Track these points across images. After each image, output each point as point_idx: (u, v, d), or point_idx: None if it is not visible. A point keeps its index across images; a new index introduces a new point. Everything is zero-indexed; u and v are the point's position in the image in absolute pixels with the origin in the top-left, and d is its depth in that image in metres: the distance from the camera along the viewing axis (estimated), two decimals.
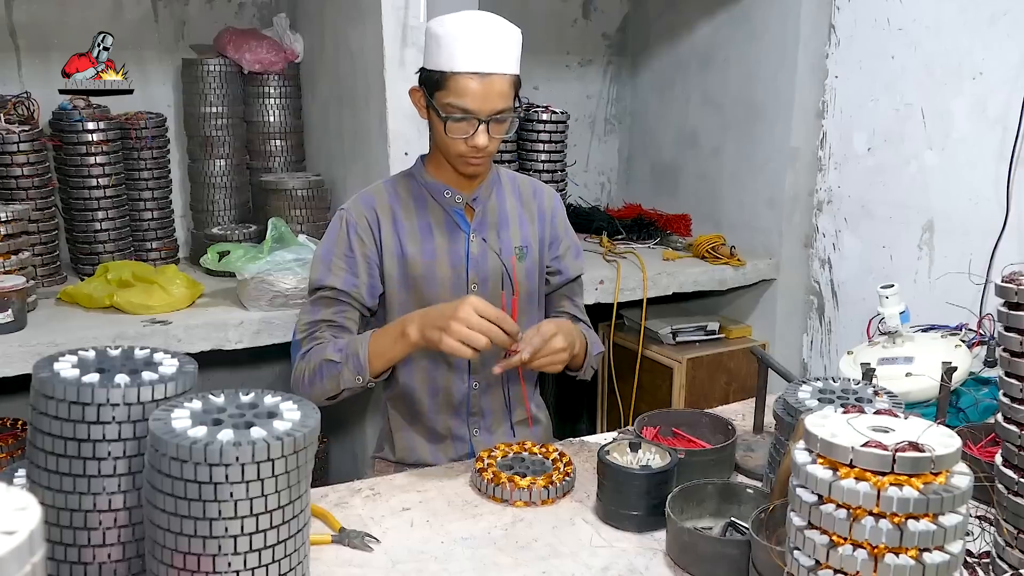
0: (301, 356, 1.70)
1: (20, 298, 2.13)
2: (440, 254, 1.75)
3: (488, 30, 1.62)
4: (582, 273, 1.95)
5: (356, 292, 1.73)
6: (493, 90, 1.62)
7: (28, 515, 0.56)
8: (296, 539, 1.03)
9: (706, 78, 3.26)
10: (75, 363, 1.06)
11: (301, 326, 1.74)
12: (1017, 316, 1.13)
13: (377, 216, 1.76)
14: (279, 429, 1.00)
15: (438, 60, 1.64)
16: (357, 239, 1.74)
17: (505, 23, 1.66)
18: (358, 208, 1.77)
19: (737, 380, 3.05)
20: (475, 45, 1.60)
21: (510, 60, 1.64)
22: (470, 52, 1.60)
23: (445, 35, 1.62)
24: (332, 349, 1.64)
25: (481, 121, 1.63)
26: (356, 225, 1.74)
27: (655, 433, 1.66)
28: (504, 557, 1.33)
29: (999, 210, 2.31)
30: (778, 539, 1.16)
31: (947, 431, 0.97)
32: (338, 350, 1.63)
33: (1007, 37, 2.29)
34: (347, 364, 1.61)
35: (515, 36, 1.65)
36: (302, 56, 3.00)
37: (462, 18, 1.63)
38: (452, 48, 1.61)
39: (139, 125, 2.69)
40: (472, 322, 1.47)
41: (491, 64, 1.61)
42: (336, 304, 1.72)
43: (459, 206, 1.77)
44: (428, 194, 1.77)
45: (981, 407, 1.77)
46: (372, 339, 1.62)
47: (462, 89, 1.61)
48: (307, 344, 1.70)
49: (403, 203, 1.77)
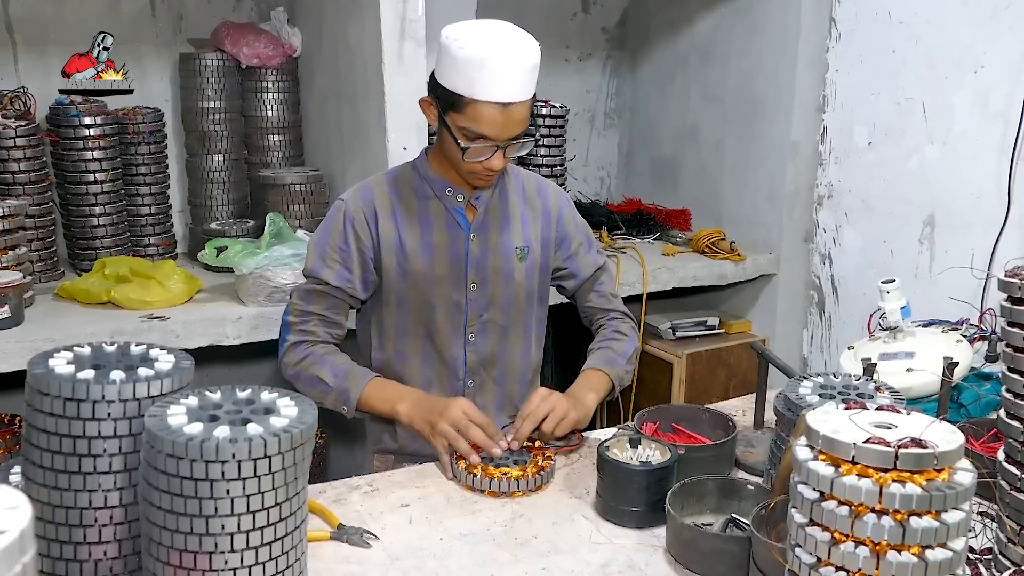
0: (293, 346, 1.74)
1: (17, 294, 2.12)
2: (439, 252, 1.73)
3: (511, 57, 1.53)
4: (600, 264, 1.92)
5: (349, 287, 1.72)
6: (513, 119, 1.57)
7: (19, 514, 0.55)
8: (293, 536, 1.02)
9: (706, 72, 3.25)
10: (70, 359, 1.06)
11: (294, 310, 1.75)
12: (1020, 311, 1.12)
13: (375, 210, 1.73)
14: (276, 426, 0.99)
15: (455, 82, 1.55)
16: (353, 233, 1.72)
17: (526, 43, 1.56)
18: (356, 202, 1.74)
19: (737, 375, 3.04)
20: (498, 75, 1.52)
21: (530, 86, 1.58)
22: (493, 82, 1.52)
23: (465, 59, 1.52)
24: (327, 370, 1.69)
25: (498, 147, 1.60)
26: (353, 219, 1.72)
27: (655, 429, 1.66)
28: (503, 553, 1.33)
29: (1000, 204, 2.30)
30: (779, 536, 1.15)
31: (950, 427, 0.96)
32: (333, 375, 1.68)
33: (1009, 31, 2.28)
34: (336, 393, 1.68)
35: (535, 57, 1.57)
36: (300, 50, 2.99)
37: (484, 39, 1.53)
38: (473, 75, 1.52)
39: (136, 120, 2.69)
40: (460, 425, 1.55)
41: (513, 93, 1.54)
42: (328, 299, 1.73)
43: (460, 205, 1.75)
44: (430, 189, 1.75)
45: (983, 403, 1.76)
46: (367, 388, 1.67)
47: (481, 117, 1.55)
48: (298, 334, 1.74)
49: (403, 197, 1.75)
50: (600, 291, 1.91)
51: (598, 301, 1.91)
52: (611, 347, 1.84)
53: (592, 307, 1.91)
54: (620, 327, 1.89)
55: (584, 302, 1.91)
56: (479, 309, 1.77)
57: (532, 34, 1.59)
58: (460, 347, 1.78)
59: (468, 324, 1.77)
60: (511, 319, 1.81)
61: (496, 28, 1.58)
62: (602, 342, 1.86)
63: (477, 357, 1.79)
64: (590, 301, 1.90)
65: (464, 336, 1.77)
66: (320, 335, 1.74)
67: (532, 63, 1.57)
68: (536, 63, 1.58)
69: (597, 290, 1.91)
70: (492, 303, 1.78)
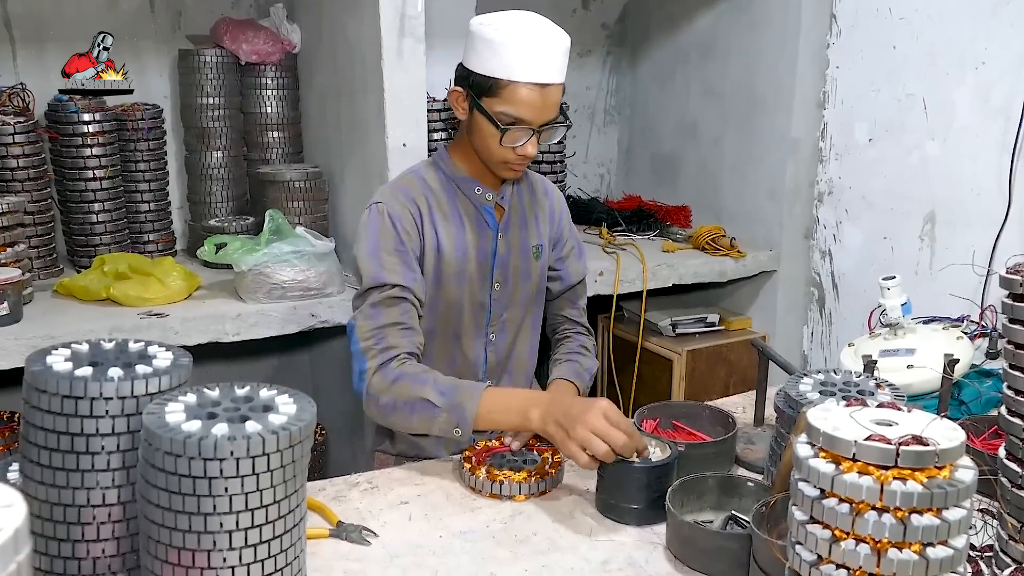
0: (378, 371, 1.55)
1: (16, 291, 2.12)
2: (470, 250, 1.71)
3: (546, 38, 1.56)
4: (584, 276, 1.93)
5: (416, 287, 1.61)
6: (549, 100, 1.58)
7: (14, 512, 0.55)
8: (292, 534, 1.02)
9: (706, 68, 3.24)
10: (68, 356, 1.05)
11: (364, 333, 1.57)
12: (1022, 308, 1.12)
13: (419, 208, 1.67)
14: (274, 423, 0.98)
15: (491, 66, 1.57)
16: (405, 233, 1.63)
17: (557, 29, 1.60)
18: (399, 200, 1.66)
19: (737, 372, 3.04)
20: (536, 54, 1.55)
21: (564, 68, 1.61)
22: (531, 62, 1.55)
23: (501, 41, 1.55)
24: (432, 389, 1.51)
25: (534, 131, 1.60)
26: (401, 218, 1.64)
27: (655, 426, 1.66)
28: (503, 551, 1.32)
29: (1001, 201, 2.30)
30: (779, 533, 1.15)
31: (951, 424, 0.96)
32: (440, 393, 1.50)
33: (1010, 26, 2.28)
34: (449, 412, 1.49)
35: (567, 43, 1.60)
36: (299, 46, 2.98)
37: (517, 23, 1.57)
38: (510, 56, 1.54)
39: (135, 117, 2.68)
40: (599, 430, 1.36)
41: (550, 74, 1.57)
42: (399, 304, 1.59)
43: (490, 203, 1.74)
44: (457, 188, 1.72)
45: (984, 399, 1.76)
46: (485, 399, 1.49)
47: (519, 99, 1.56)
48: (378, 356, 1.55)
49: (435, 196, 1.71)
50: (575, 303, 1.93)
51: (571, 312, 1.92)
52: (579, 361, 1.85)
53: (564, 316, 1.92)
54: (586, 343, 1.91)
55: (557, 309, 1.92)
56: (500, 308, 1.77)
57: None
58: (482, 347, 1.77)
59: (490, 323, 1.77)
60: (524, 317, 1.81)
61: (527, 14, 1.61)
62: (570, 355, 1.86)
63: (496, 356, 1.79)
64: (563, 310, 1.91)
65: (486, 336, 1.77)
66: (405, 346, 1.57)
67: (565, 46, 1.60)
68: (568, 47, 1.61)
69: (573, 300, 1.92)
70: (512, 302, 1.78)
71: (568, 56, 1.62)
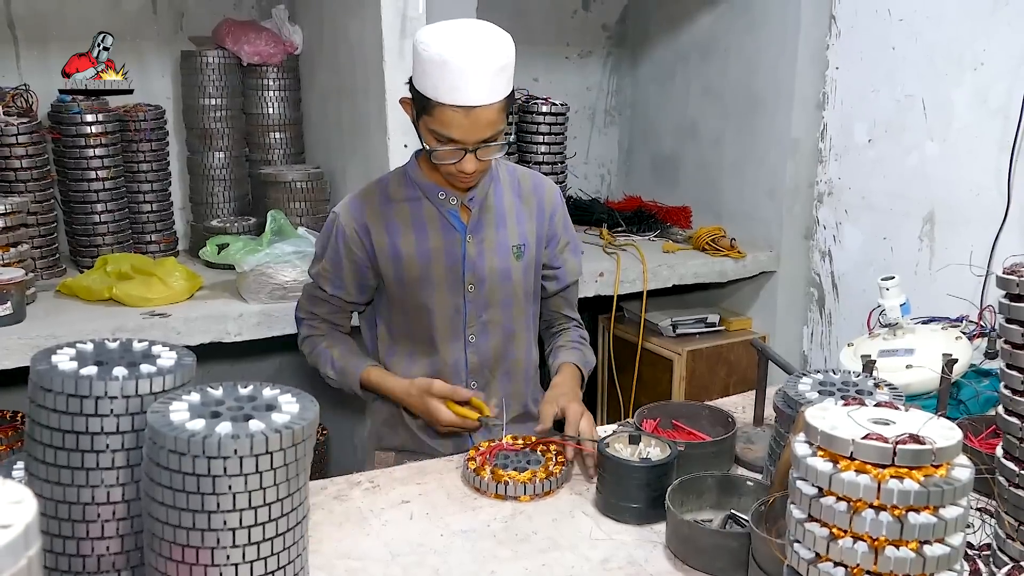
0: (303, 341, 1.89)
1: (19, 291, 2.12)
2: (436, 255, 1.72)
3: (473, 59, 1.49)
4: (579, 275, 1.94)
5: (345, 296, 1.80)
6: (480, 122, 1.54)
7: (24, 508, 0.56)
8: (295, 531, 1.03)
9: (706, 69, 3.24)
10: (73, 356, 1.06)
11: (302, 308, 1.88)
12: (1019, 308, 1.13)
13: (367, 224, 1.72)
14: (277, 422, 0.99)
15: (423, 83, 1.54)
16: (345, 248, 1.74)
17: (494, 44, 1.53)
18: (347, 217, 1.74)
19: (737, 372, 3.05)
20: (460, 78, 1.49)
21: (499, 88, 1.54)
22: (455, 85, 1.49)
23: (430, 61, 1.50)
24: (329, 368, 1.82)
25: (468, 151, 1.58)
26: (345, 234, 1.73)
27: (655, 425, 1.66)
28: (504, 550, 1.33)
29: (1000, 201, 2.30)
30: (778, 532, 1.16)
31: (948, 423, 0.97)
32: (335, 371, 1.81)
33: (1008, 27, 2.28)
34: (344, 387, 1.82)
35: (504, 59, 1.53)
36: (301, 48, 2.99)
37: (449, 42, 1.50)
38: (436, 78, 1.50)
39: (138, 117, 2.69)
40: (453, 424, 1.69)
41: (477, 97, 1.51)
42: (328, 305, 1.83)
43: (454, 207, 1.73)
44: (423, 194, 1.73)
45: (982, 399, 1.76)
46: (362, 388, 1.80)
47: (446, 120, 1.54)
48: (306, 328, 1.88)
49: (397, 205, 1.73)
50: (570, 300, 1.94)
51: (566, 309, 1.94)
52: (582, 351, 1.88)
53: (559, 313, 1.93)
54: (584, 336, 1.94)
55: (554, 307, 1.92)
56: (478, 310, 1.77)
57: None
58: (460, 349, 1.78)
59: (467, 325, 1.77)
60: (512, 318, 1.81)
61: (464, 29, 1.54)
62: (573, 343, 1.89)
63: (479, 358, 1.79)
64: (558, 306, 1.92)
65: (464, 338, 1.78)
66: (324, 331, 1.87)
67: (498, 65, 1.52)
68: (504, 64, 1.54)
69: (567, 298, 1.93)
70: (491, 303, 1.78)
71: (508, 71, 1.55)
